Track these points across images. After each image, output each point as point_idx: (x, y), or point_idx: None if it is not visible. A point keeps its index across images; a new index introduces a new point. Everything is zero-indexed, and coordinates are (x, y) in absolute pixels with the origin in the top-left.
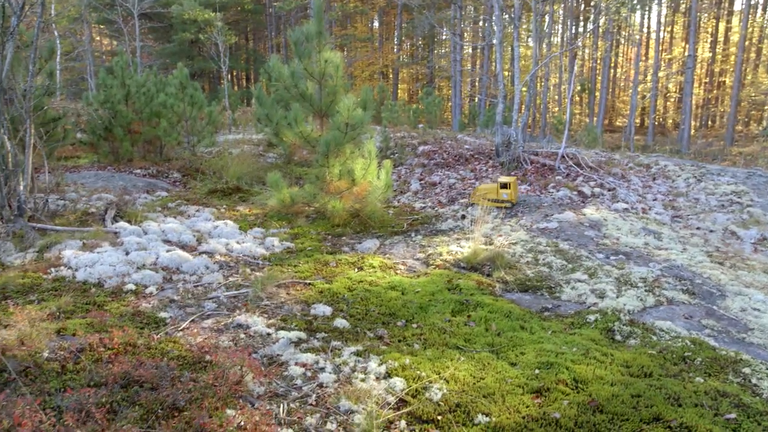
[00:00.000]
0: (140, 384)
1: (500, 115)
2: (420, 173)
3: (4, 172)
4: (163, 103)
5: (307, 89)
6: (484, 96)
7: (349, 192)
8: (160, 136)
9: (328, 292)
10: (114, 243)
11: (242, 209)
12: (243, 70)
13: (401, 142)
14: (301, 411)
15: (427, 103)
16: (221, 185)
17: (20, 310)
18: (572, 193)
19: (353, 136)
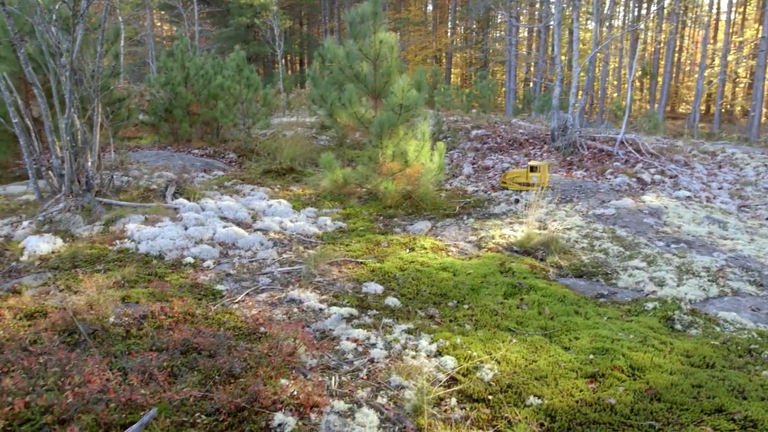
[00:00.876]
0: (198, 351)
1: (557, 99)
2: (473, 157)
3: (74, 148)
4: (221, 85)
5: (362, 70)
6: (540, 80)
7: (401, 174)
8: (217, 117)
9: (380, 271)
10: (174, 218)
11: (295, 189)
12: (297, 54)
13: (454, 126)
14: (352, 384)
15: (480, 86)
16: (275, 166)
17: (88, 278)
18: (631, 179)
19: (407, 118)
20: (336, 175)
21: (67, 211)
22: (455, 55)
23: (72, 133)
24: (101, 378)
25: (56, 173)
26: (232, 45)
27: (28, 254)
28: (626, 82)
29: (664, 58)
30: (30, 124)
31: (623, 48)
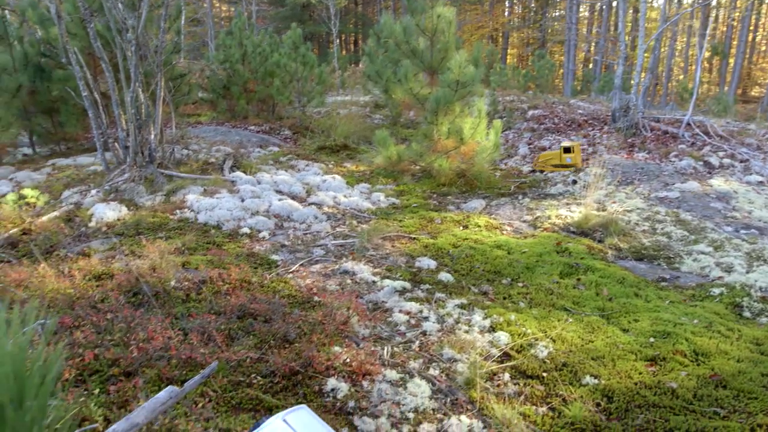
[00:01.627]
0: (254, 316)
1: (619, 78)
2: (529, 138)
3: (138, 121)
4: (277, 62)
5: (418, 46)
6: (601, 60)
7: (456, 151)
8: (273, 94)
9: (433, 247)
10: (231, 190)
11: (349, 166)
12: (351, 33)
13: (510, 106)
14: (404, 355)
15: (538, 66)
16: (329, 143)
17: (151, 244)
18: (697, 162)
19: (463, 94)
20: (390, 151)
21: (131, 181)
22: (512, 35)
23: (136, 106)
24: (163, 336)
25: (121, 145)
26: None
27: (95, 221)
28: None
29: (737, 38)
30: (98, 98)
31: (692, 26)
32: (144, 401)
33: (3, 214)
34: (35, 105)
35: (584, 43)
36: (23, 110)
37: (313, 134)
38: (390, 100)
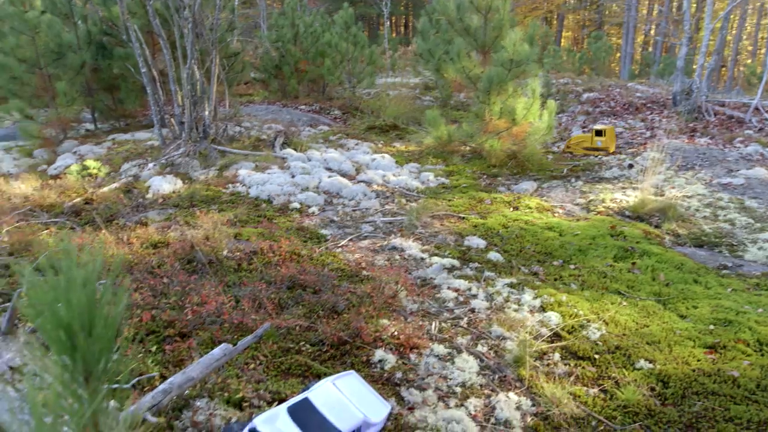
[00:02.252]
0: (304, 287)
1: (682, 60)
2: (583, 121)
3: (193, 98)
4: (328, 42)
5: (472, 23)
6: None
7: (507, 132)
8: (323, 74)
9: (482, 226)
10: (282, 167)
11: (398, 146)
12: (402, 15)
13: (564, 88)
14: (452, 331)
15: (595, 48)
16: (379, 123)
17: (205, 215)
18: (765, 149)
19: (517, 74)
20: (440, 131)
21: (186, 155)
22: (567, 17)
23: (192, 83)
24: (216, 301)
25: (177, 121)
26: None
27: (152, 192)
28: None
29: None
30: (155, 75)
31: (763, 7)
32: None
33: (68, 184)
34: (97, 82)
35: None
36: (86, 87)
37: (362, 114)
38: (441, 80)
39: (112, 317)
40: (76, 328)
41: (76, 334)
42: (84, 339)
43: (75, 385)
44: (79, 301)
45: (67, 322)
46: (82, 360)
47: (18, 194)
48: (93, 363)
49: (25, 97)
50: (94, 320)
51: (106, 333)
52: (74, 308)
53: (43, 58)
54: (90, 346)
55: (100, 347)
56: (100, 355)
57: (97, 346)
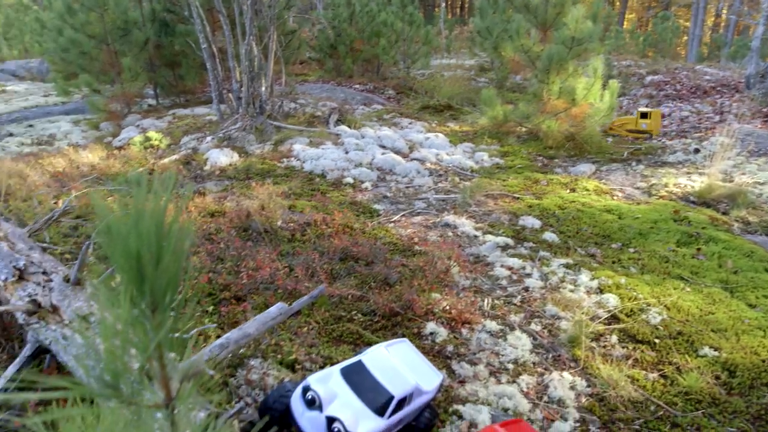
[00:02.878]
0: (356, 259)
1: (758, 41)
2: (645, 104)
3: (251, 73)
4: (384, 21)
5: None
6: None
7: (566, 113)
8: (378, 54)
9: (538, 207)
10: (335, 143)
11: (452, 126)
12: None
13: (626, 71)
14: (505, 308)
15: (661, 29)
16: (433, 103)
17: (260, 186)
18: None
19: (578, 52)
20: (496, 111)
21: (243, 130)
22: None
23: (250, 59)
24: (271, 267)
25: (235, 96)
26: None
27: (210, 165)
28: None
29: None
30: (215, 51)
31: None
32: None
33: (131, 154)
34: (159, 58)
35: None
36: (149, 63)
37: (416, 95)
38: (498, 60)
39: (179, 250)
40: (145, 256)
41: (145, 263)
42: (152, 269)
43: (142, 318)
44: (148, 231)
45: (136, 251)
46: (149, 291)
47: (85, 163)
48: (159, 296)
49: (93, 72)
50: (162, 251)
51: (172, 265)
52: (143, 237)
53: (111, 34)
54: (157, 277)
55: (167, 279)
56: (167, 289)
57: (164, 278)
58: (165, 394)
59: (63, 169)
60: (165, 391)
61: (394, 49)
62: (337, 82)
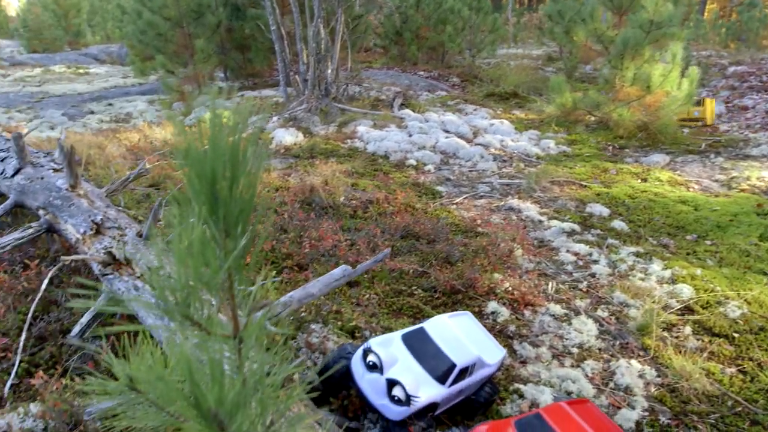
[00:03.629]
0: (417, 237)
1: None
2: (726, 96)
3: (317, 55)
4: (451, 8)
5: None
6: None
7: (639, 102)
8: (444, 41)
9: (606, 195)
10: (399, 126)
11: (518, 113)
12: None
13: (706, 61)
14: (570, 293)
15: (746, 18)
16: (498, 90)
17: (324, 163)
18: None
19: (656, 37)
20: (565, 98)
21: (308, 111)
22: None
23: (317, 41)
24: (333, 239)
25: (301, 78)
26: None
27: (275, 143)
28: None
29: None
30: (284, 33)
31: None
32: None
33: (201, 131)
34: (230, 41)
35: None
36: (220, 46)
37: (481, 83)
38: (568, 46)
39: (253, 175)
40: (220, 176)
41: (220, 187)
42: (227, 191)
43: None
44: (224, 148)
45: (212, 173)
46: (222, 217)
47: (158, 138)
48: (232, 222)
49: (168, 53)
50: (237, 174)
51: (247, 191)
52: (220, 155)
53: (185, 17)
54: (231, 202)
55: (241, 207)
56: (239, 216)
57: (237, 204)
58: (233, 325)
59: (138, 143)
60: (233, 322)
61: (460, 37)
62: (401, 68)
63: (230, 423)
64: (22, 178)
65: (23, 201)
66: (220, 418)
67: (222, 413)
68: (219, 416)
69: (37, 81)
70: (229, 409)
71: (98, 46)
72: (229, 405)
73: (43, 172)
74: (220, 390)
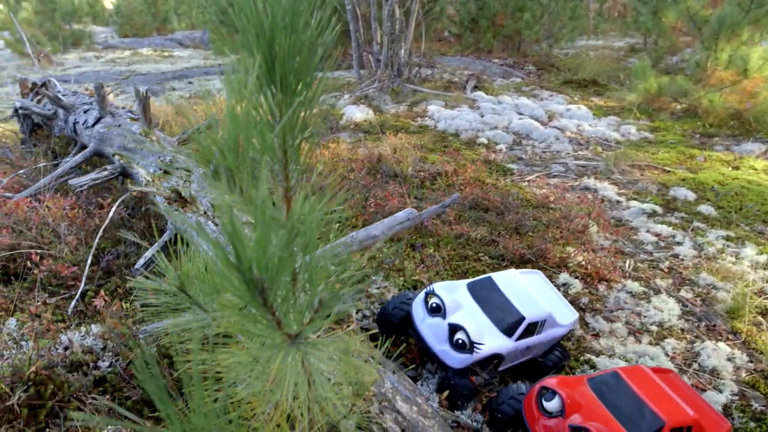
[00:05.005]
0: (486, 210)
1: None
2: None
3: (391, 35)
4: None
5: None
6: None
7: (733, 87)
8: (521, 29)
9: (692, 180)
10: (471, 107)
11: (596, 101)
12: None
13: None
14: (650, 272)
15: None
16: (576, 78)
17: (393, 136)
18: None
19: (757, 16)
20: (649, 83)
21: (380, 90)
22: None
23: (392, 21)
24: (399, 200)
25: (374, 58)
26: None
27: (345, 119)
28: None
29: None
30: (359, 13)
31: None
32: None
33: None
34: None
35: None
36: None
37: (558, 71)
38: (656, 30)
39: (312, 34)
40: (279, 31)
41: (279, 41)
42: (284, 40)
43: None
44: (284, 3)
45: (271, 23)
46: (280, 71)
47: None
48: (290, 78)
49: None
50: (297, 21)
51: (309, 42)
52: (278, 6)
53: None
54: (290, 50)
55: (300, 63)
56: (299, 71)
57: (297, 60)
58: (285, 207)
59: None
60: (286, 204)
61: (538, 25)
62: (475, 55)
63: (272, 288)
64: (102, 126)
65: (102, 149)
66: (262, 284)
67: (265, 279)
68: (261, 282)
69: (126, 62)
70: (272, 276)
71: (183, 32)
72: (272, 271)
73: (120, 121)
74: (263, 252)
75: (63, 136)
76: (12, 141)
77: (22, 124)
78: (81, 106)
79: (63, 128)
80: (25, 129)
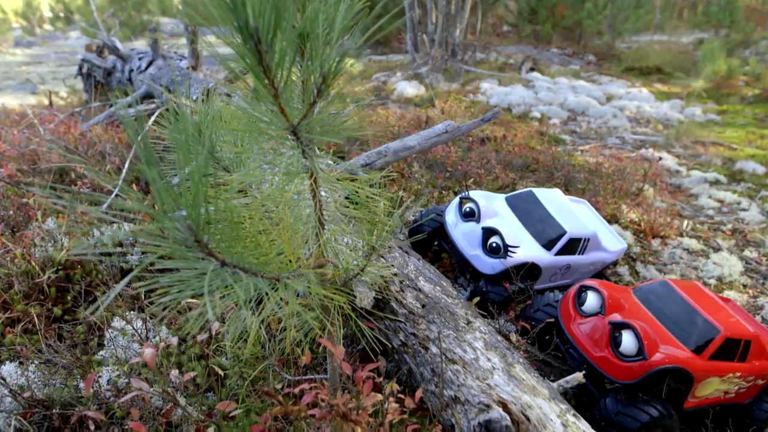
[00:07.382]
0: (534, 170)
1: None
2: None
3: (446, 15)
4: None
5: None
6: None
7: None
8: (581, 20)
9: (762, 156)
10: (526, 86)
11: (659, 86)
12: None
13: None
14: (710, 233)
15: None
16: (639, 65)
17: (443, 103)
18: None
19: None
20: (718, 65)
21: (433, 69)
22: None
23: (447, 1)
24: (444, 150)
25: (429, 37)
26: None
27: (396, 94)
28: None
29: None
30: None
31: None
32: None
33: None
34: None
35: None
36: None
37: (619, 62)
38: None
39: None
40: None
41: None
42: None
43: None
44: None
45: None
46: None
47: None
48: None
49: None
50: None
51: None
52: None
53: None
54: None
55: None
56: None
57: None
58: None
59: None
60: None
61: (601, 16)
62: (533, 45)
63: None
64: (153, 68)
65: (152, 90)
66: (257, 31)
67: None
68: (256, 30)
69: None
70: (266, 25)
71: None
72: (267, 20)
73: (170, 62)
74: None
75: (119, 89)
76: (80, 102)
77: (86, 83)
78: (136, 56)
79: (120, 79)
80: (88, 87)
